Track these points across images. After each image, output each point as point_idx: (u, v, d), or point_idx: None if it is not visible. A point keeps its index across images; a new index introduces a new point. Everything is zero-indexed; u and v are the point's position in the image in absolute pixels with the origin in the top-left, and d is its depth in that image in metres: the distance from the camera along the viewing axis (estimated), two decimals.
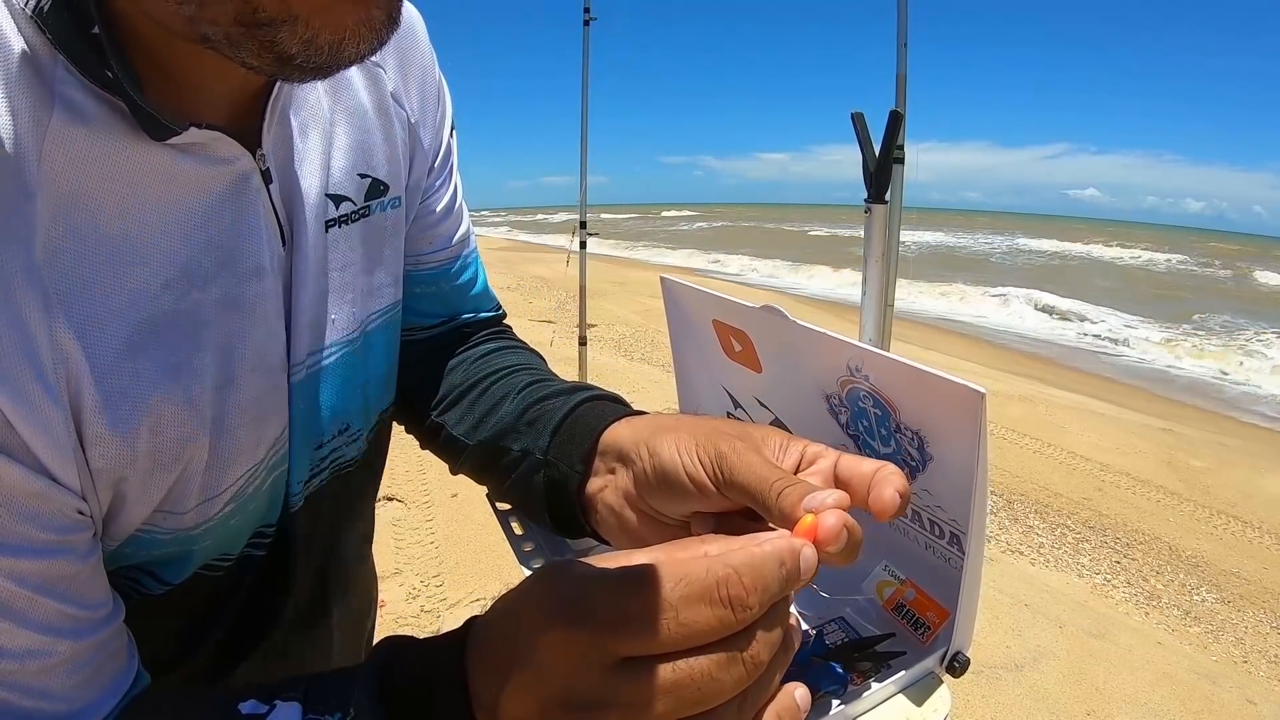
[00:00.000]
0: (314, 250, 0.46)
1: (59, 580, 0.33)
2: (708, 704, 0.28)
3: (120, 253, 0.34)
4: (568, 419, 0.50)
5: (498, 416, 0.55)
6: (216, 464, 0.41)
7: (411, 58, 0.54)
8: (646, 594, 0.27)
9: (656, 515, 0.43)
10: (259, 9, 0.29)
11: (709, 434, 0.40)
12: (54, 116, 0.31)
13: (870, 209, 1.80)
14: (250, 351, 0.41)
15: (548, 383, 0.56)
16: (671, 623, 0.27)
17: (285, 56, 0.30)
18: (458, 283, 0.62)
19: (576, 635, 0.27)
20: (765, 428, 0.41)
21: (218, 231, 0.39)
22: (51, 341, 0.32)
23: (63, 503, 0.33)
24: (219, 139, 0.37)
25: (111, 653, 0.36)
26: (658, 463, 0.41)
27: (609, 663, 0.27)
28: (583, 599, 0.28)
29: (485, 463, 0.55)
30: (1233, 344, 9.66)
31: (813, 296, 12.18)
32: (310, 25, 0.30)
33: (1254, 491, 4.03)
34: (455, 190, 0.61)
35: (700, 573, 0.28)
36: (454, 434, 0.57)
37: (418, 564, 2.67)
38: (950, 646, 0.41)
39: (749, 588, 0.28)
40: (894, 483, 0.35)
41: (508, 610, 0.31)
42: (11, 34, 0.30)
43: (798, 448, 0.40)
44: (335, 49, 0.31)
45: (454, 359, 0.61)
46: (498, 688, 0.29)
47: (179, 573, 0.44)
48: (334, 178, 0.47)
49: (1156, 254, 26.08)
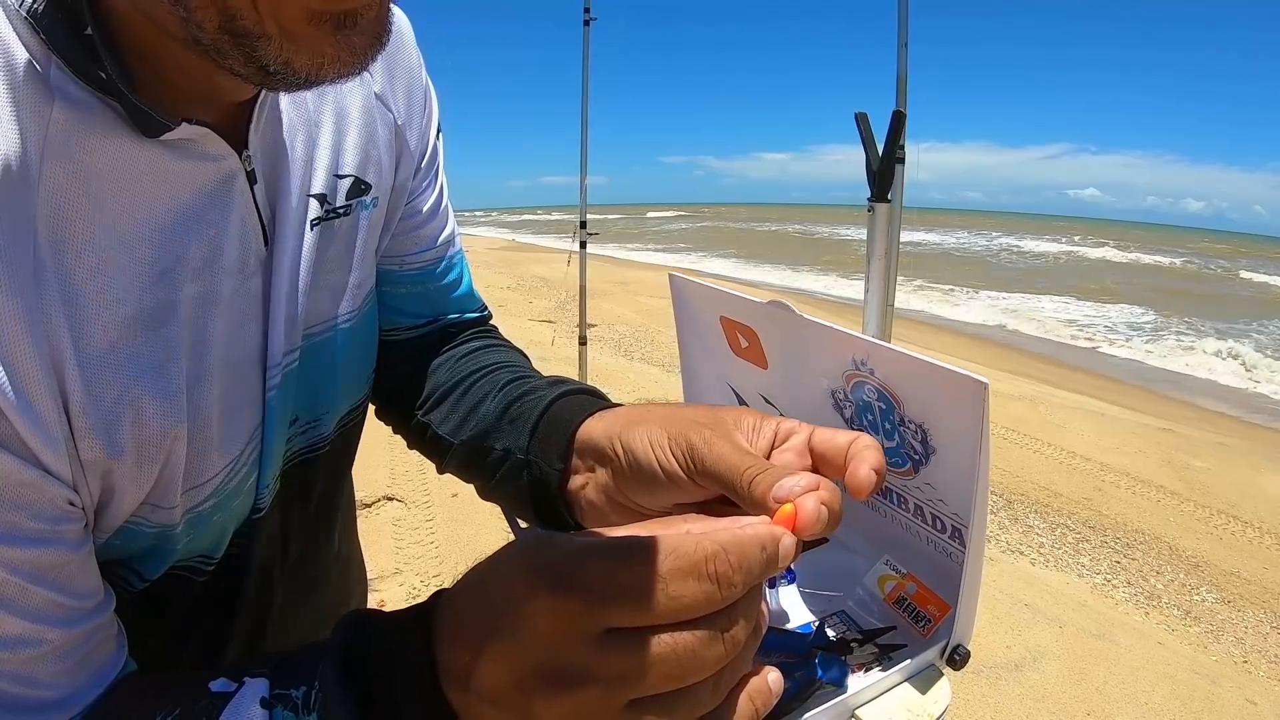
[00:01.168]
0: (295, 249, 0.46)
1: (50, 569, 0.33)
2: (688, 680, 0.27)
3: (113, 247, 0.35)
4: (544, 417, 0.50)
5: (479, 415, 0.55)
6: (197, 457, 0.41)
7: (399, 60, 0.54)
8: (637, 564, 0.27)
9: (638, 508, 0.43)
10: (236, 17, 0.29)
11: (680, 425, 0.40)
12: (53, 115, 0.32)
13: (873, 208, 1.81)
14: (227, 347, 0.42)
15: (527, 379, 0.57)
16: (662, 594, 0.27)
17: (266, 70, 0.31)
18: (443, 283, 0.63)
19: (566, 603, 0.27)
20: (737, 409, 0.41)
21: (203, 228, 0.39)
22: (45, 334, 0.32)
23: (54, 493, 0.33)
24: (208, 135, 0.38)
25: (100, 641, 0.37)
26: (632, 458, 0.42)
27: (596, 633, 0.27)
28: (573, 567, 0.28)
29: (470, 462, 0.56)
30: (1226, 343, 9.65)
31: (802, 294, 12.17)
32: (284, 48, 0.30)
33: (1254, 491, 4.03)
34: (441, 192, 0.61)
35: (689, 547, 0.27)
36: (439, 433, 0.58)
37: (418, 564, 2.67)
38: (951, 639, 0.41)
39: (734, 566, 0.27)
40: (869, 459, 0.36)
41: (483, 579, 0.30)
42: (8, 35, 0.31)
43: (771, 426, 0.40)
44: (313, 72, 0.32)
45: (438, 358, 0.62)
46: (471, 657, 0.28)
47: (157, 568, 0.44)
48: (317, 177, 0.48)
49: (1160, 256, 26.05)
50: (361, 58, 0.33)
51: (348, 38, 0.31)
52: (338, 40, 0.31)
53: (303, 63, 0.31)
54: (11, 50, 0.31)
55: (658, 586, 0.27)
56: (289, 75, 0.31)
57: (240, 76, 0.32)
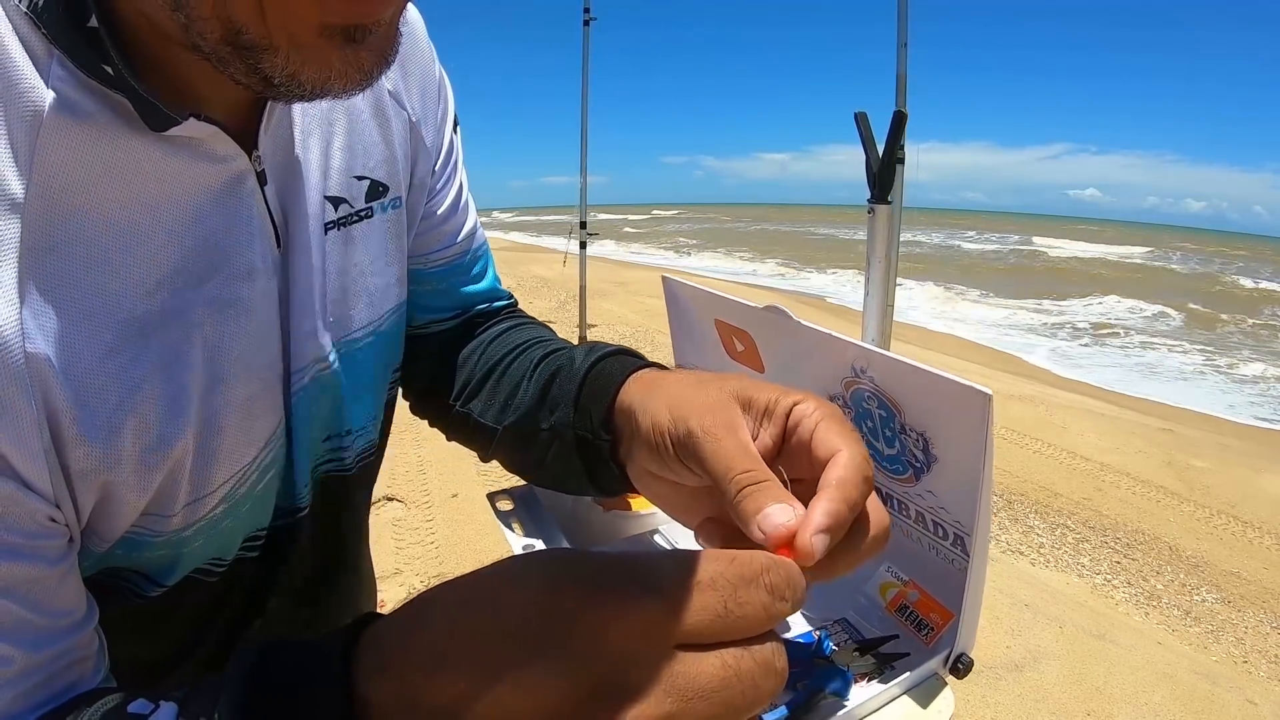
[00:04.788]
0: (314, 253, 0.45)
1: (21, 584, 0.32)
2: (745, 713, 0.25)
3: (111, 251, 0.34)
4: (583, 389, 0.49)
5: (519, 398, 0.54)
6: (204, 465, 0.40)
7: (412, 56, 0.54)
8: (706, 568, 0.25)
9: (672, 480, 0.41)
10: (242, 31, 0.29)
11: (685, 407, 0.38)
12: (48, 113, 0.31)
13: (874, 209, 1.80)
14: (240, 352, 0.41)
15: (559, 352, 0.56)
16: (731, 602, 0.25)
17: (270, 82, 0.31)
18: (469, 276, 0.62)
19: (643, 609, 0.24)
20: (756, 385, 0.39)
21: (210, 231, 0.39)
22: (24, 343, 0.31)
23: (32, 507, 0.32)
24: (216, 135, 0.37)
25: (70, 664, 0.35)
26: (639, 432, 0.41)
27: (670, 646, 0.24)
28: (641, 569, 0.25)
29: (517, 445, 0.54)
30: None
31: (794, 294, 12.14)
32: (291, 60, 0.30)
33: (1254, 491, 4.02)
34: (461, 185, 0.61)
35: (746, 556, 0.26)
36: (482, 421, 0.57)
37: (418, 564, 2.67)
38: (954, 648, 0.41)
39: (785, 580, 0.26)
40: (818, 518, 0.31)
41: (486, 596, 0.26)
42: (6, 31, 0.30)
43: (783, 410, 0.37)
44: (319, 85, 0.31)
45: (468, 347, 0.61)
46: (470, 684, 0.24)
47: (170, 575, 0.43)
48: (333, 180, 0.47)
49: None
50: (367, 75, 0.32)
51: (355, 53, 0.31)
52: (346, 54, 0.31)
53: (309, 75, 0.31)
54: (6, 46, 0.30)
55: (727, 593, 0.25)
56: (294, 87, 0.31)
57: (242, 85, 0.31)
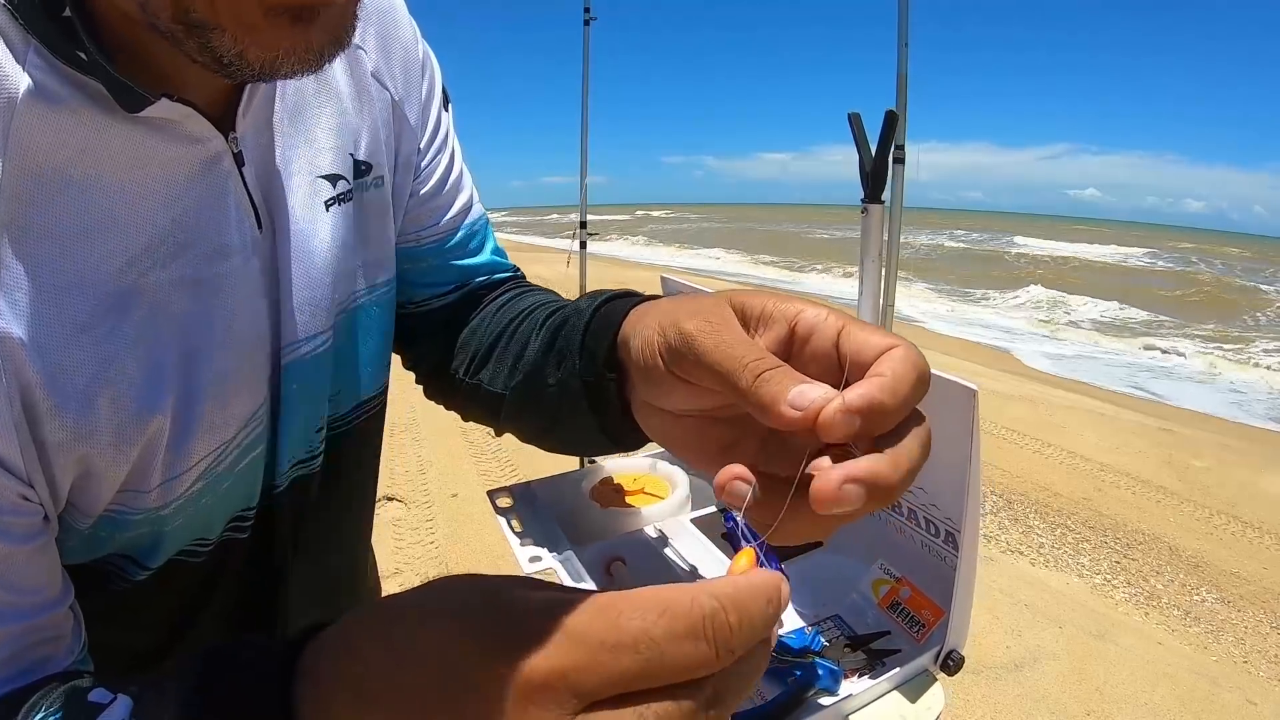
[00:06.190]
0: (303, 231, 0.46)
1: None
2: None
3: (85, 230, 0.35)
4: (588, 333, 0.45)
5: (527, 354, 0.52)
6: (180, 439, 0.41)
7: (393, 35, 0.54)
8: (625, 622, 0.23)
9: (673, 412, 0.38)
10: (190, 10, 0.29)
11: (674, 314, 0.35)
12: (23, 98, 0.32)
13: (867, 209, 1.81)
14: (218, 329, 0.41)
15: (564, 307, 0.54)
16: (655, 659, 0.23)
17: (221, 61, 0.31)
18: (465, 250, 0.61)
19: (540, 672, 0.23)
20: (746, 293, 0.35)
21: (183, 211, 0.39)
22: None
23: (3, 485, 0.33)
24: (191, 116, 0.38)
25: (38, 642, 0.35)
26: (630, 357, 0.39)
27: (574, 707, 0.23)
28: (546, 626, 0.23)
29: (526, 407, 0.52)
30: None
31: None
32: (239, 40, 0.30)
33: (1254, 491, 4.02)
34: (453, 161, 0.60)
35: (685, 604, 0.23)
36: (491, 389, 0.55)
37: (418, 564, 2.67)
38: (945, 644, 0.41)
39: (734, 626, 0.23)
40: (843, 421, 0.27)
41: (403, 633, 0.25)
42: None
43: (787, 316, 0.32)
44: (268, 65, 0.32)
45: (474, 319, 0.60)
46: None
47: (154, 556, 0.44)
48: (322, 159, 0.48)
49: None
50: (319, 56, 0.33)
51: (305, 32, 0.31)
52: (294, 34, 0.31)
53: (256, 55, 0.31)
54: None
55: (651, 650, 0.23)
56: (243, 67, 0.31)
57: (199, 64, 0.32)
